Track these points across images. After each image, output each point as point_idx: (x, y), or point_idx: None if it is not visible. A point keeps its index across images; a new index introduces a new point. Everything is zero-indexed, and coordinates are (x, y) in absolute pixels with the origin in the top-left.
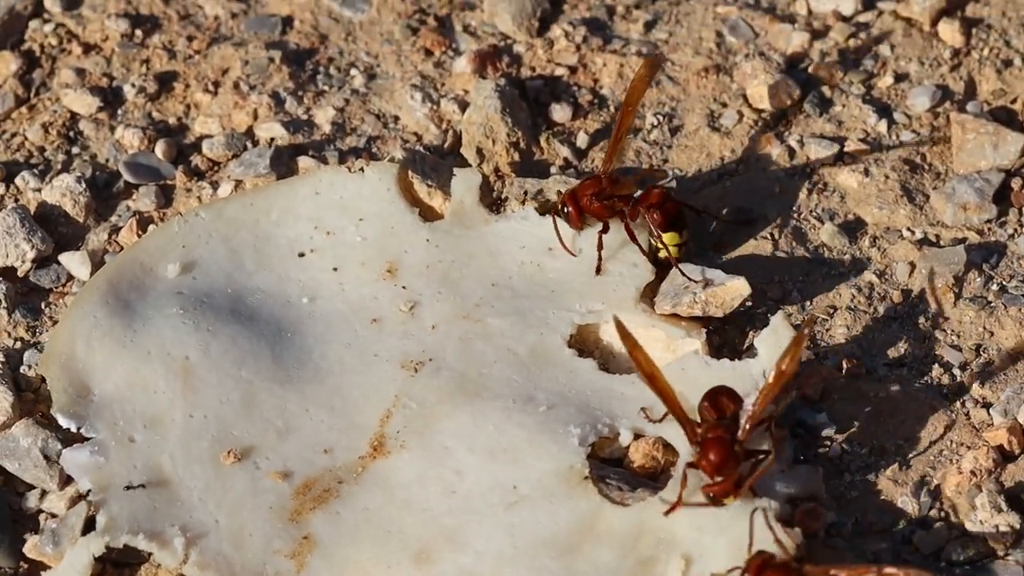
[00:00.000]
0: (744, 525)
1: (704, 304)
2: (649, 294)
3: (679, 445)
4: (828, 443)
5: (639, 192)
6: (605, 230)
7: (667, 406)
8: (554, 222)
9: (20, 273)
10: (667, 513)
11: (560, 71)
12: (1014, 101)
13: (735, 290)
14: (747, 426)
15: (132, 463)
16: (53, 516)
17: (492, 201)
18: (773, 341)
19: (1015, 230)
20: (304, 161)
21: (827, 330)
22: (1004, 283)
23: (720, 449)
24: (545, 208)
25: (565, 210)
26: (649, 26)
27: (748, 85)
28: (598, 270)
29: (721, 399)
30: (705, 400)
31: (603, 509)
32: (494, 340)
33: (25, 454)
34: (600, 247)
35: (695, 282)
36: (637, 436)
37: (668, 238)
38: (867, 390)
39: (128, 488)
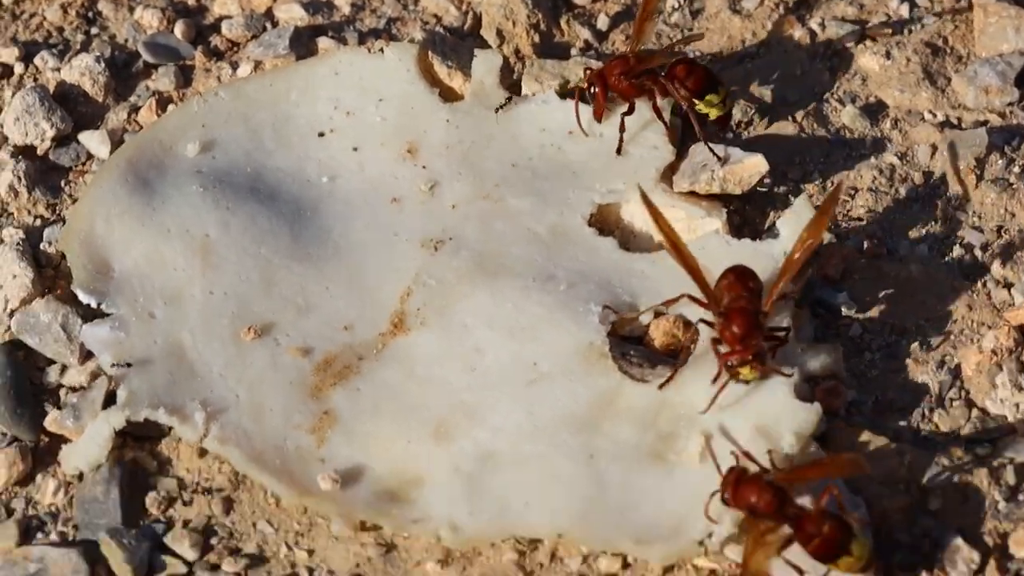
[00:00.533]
0: (764, 401)
1: (722, 181)
2: (669, 175)
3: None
4: (849, 322)
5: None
6: (630, 111)
7: (691, 276)
8: (576, 101)
9: (40, 152)
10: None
11: None
12: None
13: (753, 167)
14: (771, 298)
15: (152, 338)
16: (74, 390)
17: (512, 83)
18: (795, 222)
19: None
20: (323, 42)
21: (848, 211)
22: None
23: (744, 319)
24: (566, 90)
25: (592, 90)
26: None
27: None
28: (619, 150)
29: (742, 277)
30: (724, 278)
31: (623, 386)
32: (514, 219)
33: (46, 329)
34: (623, 128)
35: (719, 158)
36: (657, 314)
37: (709, 100)
38: (888, 270)
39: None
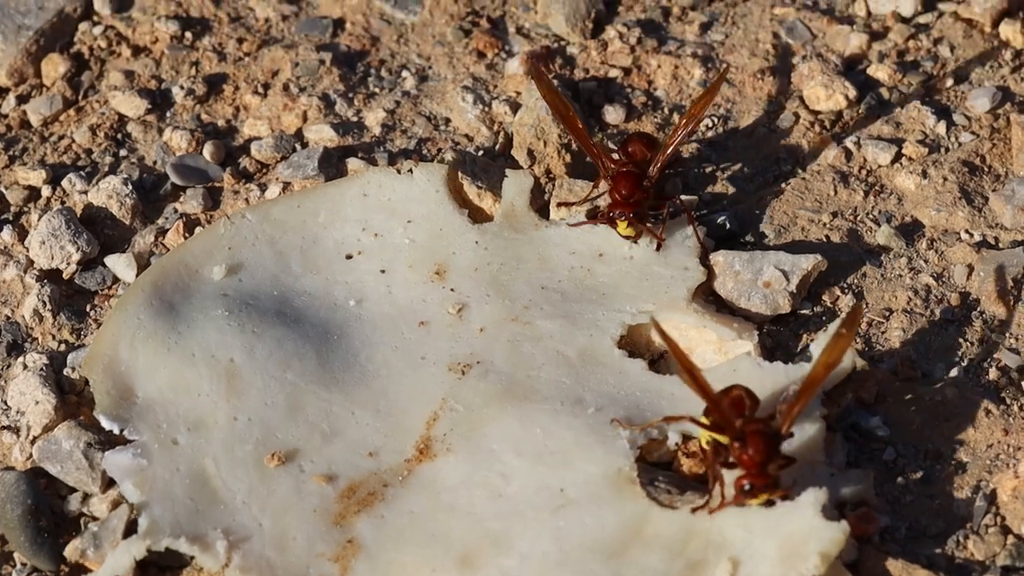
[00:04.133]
0: (790, 522)
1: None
2: (701, 295)
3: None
4: (882, 447)
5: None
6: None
7: (706, 401)
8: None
9: (65, 275)
10: (694, 510)
11: (614, 72)
12: None
13: (814, 267)
14: (789, 421)
15: (175, 466)
16: (95, 519)
17: (543, 204)
18: None
19: None
20: (353, 163)
21: (883, 333)
22: None
23: (763, 445)
24: (594, 214)
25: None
26: (705, 27)
27: (805, 87)
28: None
29: (748, 396)
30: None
31: (651, 512)
32: (543, 342)
33: (67, 457)
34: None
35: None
36: (686, 438)
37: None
38: (923, 393)
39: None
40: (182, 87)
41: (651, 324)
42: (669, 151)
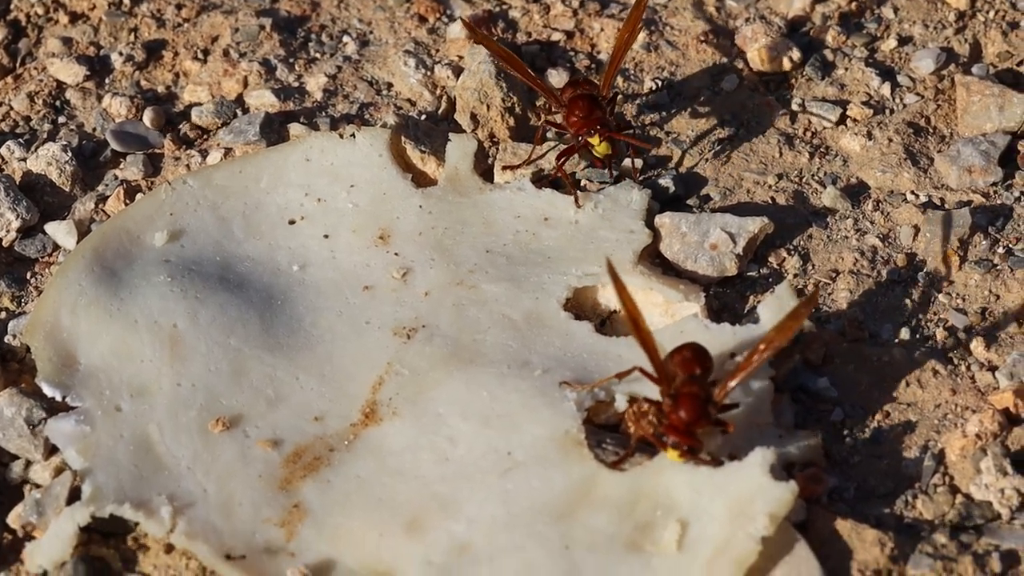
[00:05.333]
0: (739, 483)
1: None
2: (647, 257)
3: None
4: (830, 408)
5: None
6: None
7: (647, 354)
8: (569, 182)
9: (5, 243)
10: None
11: (557, 36)
12: (1020, 63)
13: (760, 228)
14: (725, 390)
15: (119, 432)
16: (37, 486)
17: (487, 168)
18: (777, 308)
19: (1021, 193)
20: (295, 128)
21: (830, 294)
22: (1010, 246)
23: (693, 406)
24: (540, 178)
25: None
26: None
27: (748, 48)
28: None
29: (697, 356)
30: (678, 355)
31: (599, 475)
32: (488, 306)
33: (9, 424)
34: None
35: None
36: (633, 400)
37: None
38: (870, 354)
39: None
40: (121, 53)
41: (600, 287)
42: (616, 65)
